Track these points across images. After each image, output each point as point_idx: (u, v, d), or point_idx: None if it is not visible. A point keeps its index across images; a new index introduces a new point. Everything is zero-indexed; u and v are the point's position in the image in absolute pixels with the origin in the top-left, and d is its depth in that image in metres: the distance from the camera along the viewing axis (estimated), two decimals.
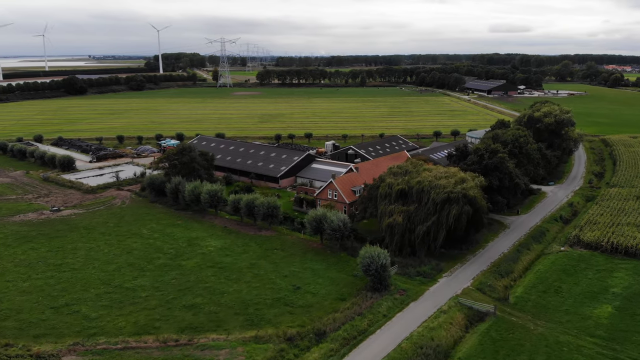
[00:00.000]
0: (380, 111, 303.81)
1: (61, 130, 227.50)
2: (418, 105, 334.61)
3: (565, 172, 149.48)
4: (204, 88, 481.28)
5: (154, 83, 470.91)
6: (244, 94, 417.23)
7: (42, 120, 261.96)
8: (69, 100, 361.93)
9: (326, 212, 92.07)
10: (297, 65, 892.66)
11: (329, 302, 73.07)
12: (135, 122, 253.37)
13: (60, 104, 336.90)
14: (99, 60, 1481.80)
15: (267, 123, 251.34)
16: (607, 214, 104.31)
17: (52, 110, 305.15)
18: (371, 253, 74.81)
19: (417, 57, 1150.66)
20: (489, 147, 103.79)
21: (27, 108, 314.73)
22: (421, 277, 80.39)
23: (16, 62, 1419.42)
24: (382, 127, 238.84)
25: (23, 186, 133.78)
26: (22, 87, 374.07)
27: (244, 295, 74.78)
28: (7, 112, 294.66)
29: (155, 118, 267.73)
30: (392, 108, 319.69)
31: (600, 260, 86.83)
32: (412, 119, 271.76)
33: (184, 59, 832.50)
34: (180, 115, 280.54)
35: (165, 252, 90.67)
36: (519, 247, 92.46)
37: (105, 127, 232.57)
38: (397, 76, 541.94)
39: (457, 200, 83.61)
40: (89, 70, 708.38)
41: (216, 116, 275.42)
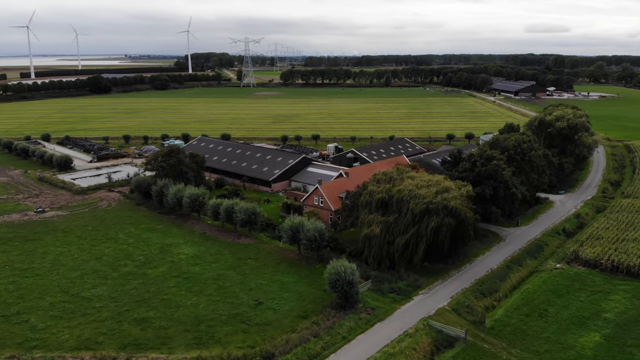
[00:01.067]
0: (399, 112, 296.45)
1: (74, 128, 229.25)
2: (439, 107, 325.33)
3: (579, 179, 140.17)
4: (228, 88, 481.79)
5: (178, 82, 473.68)
6: (265, 94, 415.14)
7: (59, 118, 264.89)
8: (92, 99, 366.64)
9: (303, 220, 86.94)
10: (326, 65, 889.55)
11: (289, 320, 67.97)
12: (149, 121, 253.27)
13: (81, 103, 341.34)
14: (134, 60, 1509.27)
15: (279, 124, 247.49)
16: (614, 228, 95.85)
17: (73, 108, 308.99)
18: (337, 268, 69.38)
19: (449, 57, 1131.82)
20: (483, 153, 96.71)
21: (49, 106, 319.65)
22: (395, 294, 74.43)
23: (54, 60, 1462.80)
24: (396, 128, 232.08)
25: (17, 186, 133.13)
26: (47, 86, 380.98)
27: (200, 310, 70.37)
28: (29, 110, 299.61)
29: (170, 118, 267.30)
30: (412, 109, 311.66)
31: (598, 280, 79.04)
32: (431, 120, 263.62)
33: (213, 59, 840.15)
34: (196, 115, 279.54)
35: (134, 259, 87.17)
36: (510, 263, 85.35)
37: (118, 127, 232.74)
38: (424, 76, 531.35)
39: (436, 212, 77.29)
40: (120, 69, 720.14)
41: (231, 116, 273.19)
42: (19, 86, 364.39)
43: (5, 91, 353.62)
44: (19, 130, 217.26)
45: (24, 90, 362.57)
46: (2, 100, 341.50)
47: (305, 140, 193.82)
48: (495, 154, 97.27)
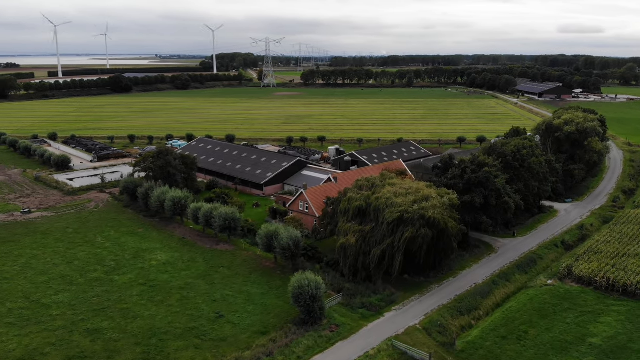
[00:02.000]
0: (416, 113, 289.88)
1: (86, 127, 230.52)
2: (458, 108, 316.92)
3: (590, 187, 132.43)
4: (249, 88, 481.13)
5: (199, 82, 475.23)
6: (284, 94, 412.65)
7: (74, 117, 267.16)
8: (111, 98, 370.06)
9: (279, 227, 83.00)
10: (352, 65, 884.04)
11: (247, 336, 64.10)
12: (161, 121, 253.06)
13: (100, 102, 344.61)
14: (164, 59, 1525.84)
15: (290, 124, 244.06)
16: (616, 242, 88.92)
17: (90, 107, 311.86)
18: (301, 282, 65.20)
19: (477, 57, 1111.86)
20: (475, 159, 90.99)
21: (66, 105, 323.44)
22: (365, 309, 69.83)
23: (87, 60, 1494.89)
24: (408, 130, 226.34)
25: (13, 185, 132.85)
26: (69, 85, 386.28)
27: (157, 322, 67.10)
28: (47, 109, 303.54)
29: (182, 118, 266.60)
30: (430, 110, 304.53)
31: (590, 300, 72.77)
32: (447, 122, 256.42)
33: (237, 59, 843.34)
34: (209, 115, 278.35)
35: (105, 265, 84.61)
36: (497, 278, 79.71)
37: (128, 126, 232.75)
38: (447, 77, 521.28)
39: (412, 222, 72.34)
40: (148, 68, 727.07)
41: (243, 117, 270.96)
42: (40, 85, 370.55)
43: (27, 90, 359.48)
44: (31, 129, 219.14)
45: (46, 89, 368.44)
46: (23, 98, 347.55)
47: (310, 141, 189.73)
48: (488, 161, 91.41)
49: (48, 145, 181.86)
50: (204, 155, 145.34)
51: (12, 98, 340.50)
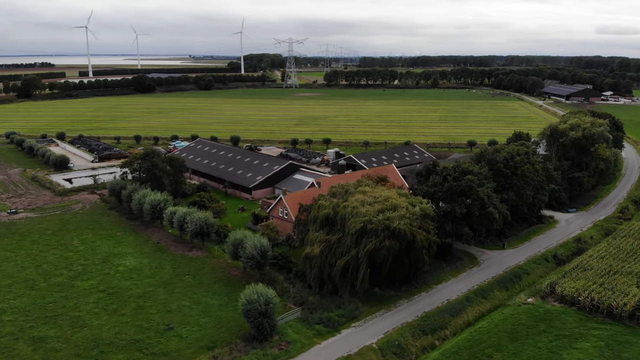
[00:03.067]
0: (433, 115, 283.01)
1: (99, 127, 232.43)
2: (479, 110, 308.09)
3: (599, 196, 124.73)
4: (271, 89, 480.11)
5: (222, 83, 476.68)
6: (305, 95, 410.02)
7: (91, 117, 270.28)
8: (132, 98, 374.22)
9: (246, 235, 79.73)
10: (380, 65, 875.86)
11: (192, 351, 61.04)
12: (175, 121, 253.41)
13: (120, 101, 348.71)
14: (196, 60, 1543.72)
15: (302, 126, 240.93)
16: (610, 257, 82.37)
17: (109, 107, 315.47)
18: (250, 297, 61.73)
19: (510, 58, 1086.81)
20: (459, 167, 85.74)
21: (87, 105, 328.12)
22: (322, 325, 65.90)
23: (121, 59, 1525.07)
24: (420, 133, 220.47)
25: (8, 185, 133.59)
26: (93, 85, 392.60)
27: (104, 332, 64.69)
28: (67, 108, 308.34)
29: (197, 118, 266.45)
30: (449, 112, 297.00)
31: (570, 321, 67.01)
32: (463, 125, 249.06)
33: (265, 60, 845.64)
34: (223, 116, 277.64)
35: (71, 269, 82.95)
36: (473, 294, 74.52)
37: (141, 126, 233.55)
38: (474, 78, 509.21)
39: (375, 232, 68.06)
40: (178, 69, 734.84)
41: (257, 118, 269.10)
42: (65, 85, 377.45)
43: (52, 89, 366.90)
44: (45, 128, 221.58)
45: (70, 88, 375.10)
46: (47, 98, 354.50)
47: (315, 144, 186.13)
48: (473, 168, 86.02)
49: (55, 145, 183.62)
50: (200, 157, 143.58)
51: (36, 97, 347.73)
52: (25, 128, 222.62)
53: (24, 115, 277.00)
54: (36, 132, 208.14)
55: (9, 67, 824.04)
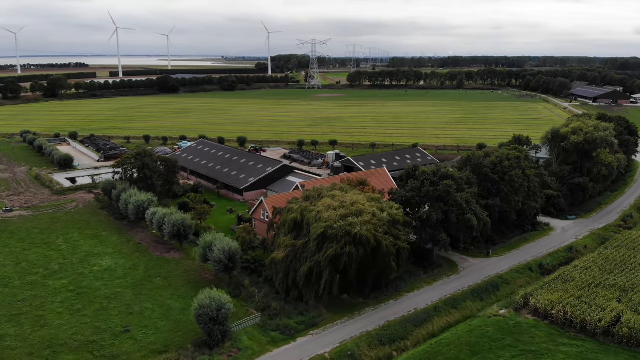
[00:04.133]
0: (452, 117, 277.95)
1: (115, 127, 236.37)
2: (500, 112, 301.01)
3: (604, 203, 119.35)
4: (294, 90, 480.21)
5: (246, 84, 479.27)
6: (325, 96, 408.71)
7: (109, 116, 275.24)
8: (155, 98, 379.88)
9: (216, 237, 78.96)
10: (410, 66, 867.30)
11: (142, 355, 60.53)
12: (189, 122, 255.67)
13: (142, 102, 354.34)
14: (228, 61, 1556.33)
15: (315, 127, 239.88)
16: (596, 268, 78.31)
17: (130, 107, 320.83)
18: (202, 302, 60.88)
19: (544, 59, 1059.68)
20: (438, 171, 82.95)
21: (109, 105, 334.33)
22: (279, 332, 64.47)
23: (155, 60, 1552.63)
24: (433, 135, 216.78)
25: (11, 183, 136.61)
26: (117, 85, 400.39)
27: (61, 332, 64.83)
28: (89, 108, 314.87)
29: (211, 119, 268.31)
30: (469, 114, 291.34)
31: (540, 336, 63.73)
32: (481, 127, 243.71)
33: (292, 61, 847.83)
34: (239, 116, 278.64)
35: (48, 268, 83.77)
36: (443, 304, 71.82)
37: (155, 126, 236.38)
38: (501, 79, 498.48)
39: (336, 238, 66.29)
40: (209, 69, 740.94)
41: (271, 119, 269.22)
42: (90, 85, 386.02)
43: (77, 89, 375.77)
44: (63, 127, 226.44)
45: (95, 88, 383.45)
46: (73, 97, 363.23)
47: (322, 145, 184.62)
48: (454, 173, 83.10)
49: (67, 144, 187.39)
50: (199, 157, 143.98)
51: (62, 97, 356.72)
52: (44, 127, 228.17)
53: (46, 114, 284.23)
54: (53, 131, 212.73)
55: (45, 67, 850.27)
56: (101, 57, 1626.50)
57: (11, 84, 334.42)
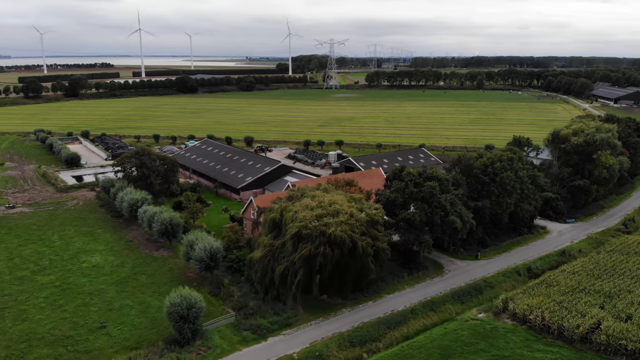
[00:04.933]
0: (466, 117, 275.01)
1: (129, 126, 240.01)
2: (517, 113, 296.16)
3: (607, 206, 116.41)
4: (311, 90, 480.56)
5: (264, 84, 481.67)
6: (342, 96, 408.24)
7: (124, 116, 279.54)
8: (172, 98, 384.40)
9: (199, 236, 79.49)
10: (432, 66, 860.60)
11: (113, 351, 61.26)
12: (202, 122, 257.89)
13: (160, 101, 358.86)
14: (252, 61, 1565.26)
15: (325, 127, 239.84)
16: (583, 273, 76.38)
17: (146, 107, 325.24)
18: (173, 300, 61.38)
19: (570, 59, 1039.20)
20: (424, 172, 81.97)
21: (127, 104, 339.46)
22: (251, 331, 64.57)
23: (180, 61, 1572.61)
24: (444, 135, 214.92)
25: (19, 180, 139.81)
26: (137, 85, 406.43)
27: (41, 327, 66.09)
28: (107, 107, 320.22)
29: (224, 119, 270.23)
30: (484, 114, 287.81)
31: (516, 341, 62.46)
32: (494, 127, 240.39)
33: (313, 61, 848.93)
34: (252, 116, 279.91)
35: (38, 264, 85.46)
36: (421, 306, 70.94)
37: (168, 125, 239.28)
38: (522, 79, 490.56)
39: (310, 238, 66.06)
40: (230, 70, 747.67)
41: (283, 119, 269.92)
42: (110, 84, 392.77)
43: (97, 89, 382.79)
44: (78, 126, 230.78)
45: (115, 88, 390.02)
46: (93, 97, 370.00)
47: (328, 145, 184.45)
48: (439, 174, 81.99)
49: (79, 143, 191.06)
50: (202, 156, 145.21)
51: (82, 96, 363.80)
52: (60, 126, 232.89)
53: (65, 113, 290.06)
54: (69, 130, 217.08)
55: (71, 67, 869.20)
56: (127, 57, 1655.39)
57: (33, 84, 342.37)
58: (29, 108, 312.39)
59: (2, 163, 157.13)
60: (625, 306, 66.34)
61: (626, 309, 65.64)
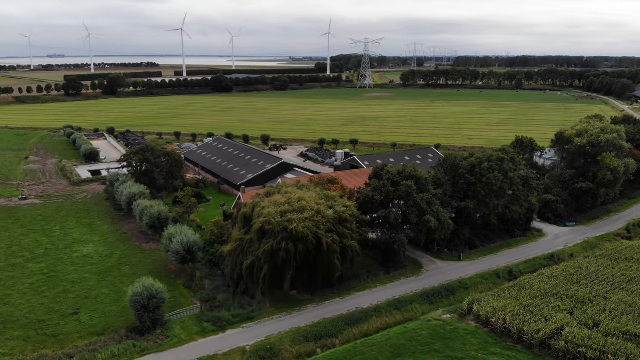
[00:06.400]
0: (496, 118, 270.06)
1: (156, 123, 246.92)
2: (550, 114, 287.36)
3: (614, 210, 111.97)
4: (345, 89, 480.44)
5: (298, 84, 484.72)
6: (374, 95, 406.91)
7: (155, 113, 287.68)
8: (205, 97, 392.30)
9: (178, 230, 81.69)
10: (476, 65, 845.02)
11: (79, 336, 64.01)
12: (227, 120, 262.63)
13: (193, 100, 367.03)
14: (294, 61, 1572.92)
15: (347, 126, 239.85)
16: (562, 277, 74.04)
17: (179, 105, 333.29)
18: (135, 290, 63.60)
19: (620, 60, 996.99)
20: (403, 171, 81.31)
21: (161, 102, 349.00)
22: (211, 323, 66.04)
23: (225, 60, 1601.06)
24: (466, 136, 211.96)
25: (38, 173, 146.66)
26: (174, 84, 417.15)
27: (18, 311, 69.67)
28: (141, 105, 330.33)
29: (250, 117, 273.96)
30: (515, 115, 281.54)
31: (474, 344, 61.38)
32: (521, 128, 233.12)
33: (352, 61, 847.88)
34: (278, 115, 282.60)
35: (34, 252, 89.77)
36: (388, 305, 70.58)
37: (193, 124, 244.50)
38: (563, 79, 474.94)
39: (273, 234, 66.94)
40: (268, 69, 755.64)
41: (307, 118, 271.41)
42: (148, 83, 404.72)
43: (135, 87, 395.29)
44: (108, 123, 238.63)
45: (152, 87, 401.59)
46: (130, 95, 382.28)
47: (342, 144, 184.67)
48: (419, 174, 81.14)
49: (104, 139, 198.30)
50: (211, 153, 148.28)
51: (120, 94, 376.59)
52: (92, 123, 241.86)
53: (99, 110, 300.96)
54: (100, 127, 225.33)
55: (118, 66, 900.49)
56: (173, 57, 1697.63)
57: (73, 82, 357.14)
58: (68, 105, 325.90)
59: (26, 157, 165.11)
60: (596, 313, 64.08)
61: (596, 315, 63.41)
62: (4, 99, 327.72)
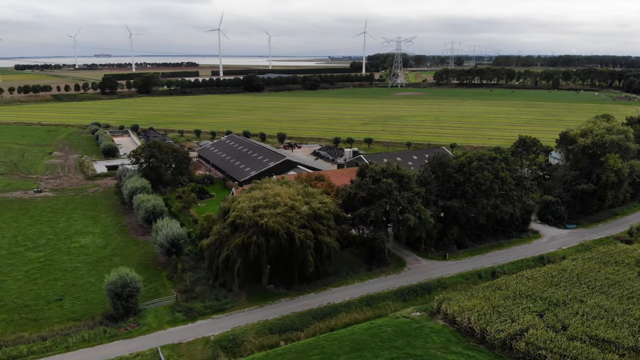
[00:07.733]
0: (523, 118, 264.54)
1: (182, 121, 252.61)
2: (581, 114, 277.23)
3: (621, 213, 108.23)
4: (376, 88, 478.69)
5: (329, 83, 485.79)
6: (403, 95, 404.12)
7: (183, 112, 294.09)
8: (236, 96, 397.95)
9: (165, 223, 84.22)
10: (516, 64, 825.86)
11: (58, 321, 67.21)
12: (252, 119, 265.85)
13: (222, 99, 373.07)
14: (333, 60, 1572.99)
15: (368, 125, 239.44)
16: (541, 279, 72.49)
17: (208, 104, 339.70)
18: (111, 279, 66.26)
19: None
20: (386, 169, 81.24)
21: (191, 101, 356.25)
22: (183, 313, 68.04)
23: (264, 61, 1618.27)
24: (486, 135, 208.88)
25: (58, 167, 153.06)
26: (206, 83, 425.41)
27: (7, 296, 73.62)
28: (171, 104, 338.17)
29: (275, 116, 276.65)
30: (544, 115, 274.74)
31: (436, 342, 61.07)
32: (547, 129, 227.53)
33: (388, 60, 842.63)
34: (303, 114, 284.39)
35: (36, 242, 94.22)
36: (359, 301, 70.92)
37: (218, 122, 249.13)
38: (602, 79, 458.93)
39: (244, 228, 68.33)
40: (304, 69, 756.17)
41: (330, 117, 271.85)
42: (181, 82, 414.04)
43: (169, 86, 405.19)
44: (135, 121, 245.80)
45: (185, 86, 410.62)
46: (164, 94, 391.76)
47: (357, 143, 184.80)
48: (402, 172, 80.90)
49: (127, 136, 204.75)
50: (222, 150, 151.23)
51: (154, 93, 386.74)
52: (121, 120, 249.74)
53: (131, 108, 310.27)
54: (129, 124, 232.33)
55: (159, 66, 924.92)
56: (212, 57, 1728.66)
57: (109, 81, 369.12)
58: (102, 103, 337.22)
59: (51, 152, 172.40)
60: (567, 316, 62.68)
61: (566, 318, 62.03)
62: (42, 97, 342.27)
